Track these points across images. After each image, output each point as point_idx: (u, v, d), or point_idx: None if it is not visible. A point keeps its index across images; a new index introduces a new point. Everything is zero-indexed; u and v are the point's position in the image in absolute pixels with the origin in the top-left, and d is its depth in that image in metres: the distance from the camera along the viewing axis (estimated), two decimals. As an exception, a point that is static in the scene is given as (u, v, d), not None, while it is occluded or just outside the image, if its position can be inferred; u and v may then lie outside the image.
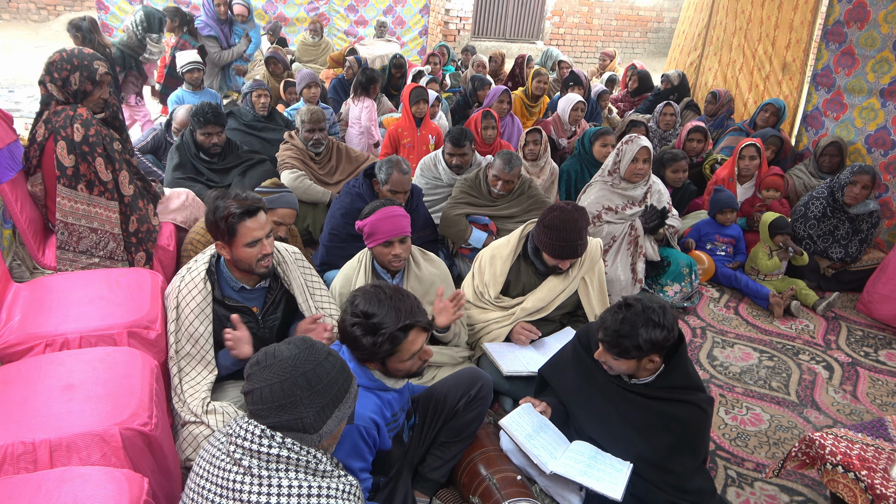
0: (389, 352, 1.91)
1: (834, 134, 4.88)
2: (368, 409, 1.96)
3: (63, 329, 2.19)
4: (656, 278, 4.02)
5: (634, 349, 2.06)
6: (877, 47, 4.52)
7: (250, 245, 2.30)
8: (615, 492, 2.05)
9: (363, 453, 1.95)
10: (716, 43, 6.80)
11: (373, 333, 1.88)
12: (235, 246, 2.31)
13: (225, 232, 2.29)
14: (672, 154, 4.47)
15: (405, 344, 1.92)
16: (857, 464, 2.03)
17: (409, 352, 1.95)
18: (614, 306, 2.13)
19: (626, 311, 2.06)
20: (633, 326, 2.04)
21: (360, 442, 1.93)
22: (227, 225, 2.26)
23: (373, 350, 1.90)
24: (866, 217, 4.20)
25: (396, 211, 2.68)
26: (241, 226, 2.27)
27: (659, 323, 2.03)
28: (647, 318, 2.03)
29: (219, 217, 2.27)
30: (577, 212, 2.82)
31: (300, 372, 1.48)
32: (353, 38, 10.40)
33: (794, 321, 3.97)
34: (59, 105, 2.73)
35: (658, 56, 13.84)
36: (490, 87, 6.08)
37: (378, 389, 2.02)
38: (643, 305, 2.06)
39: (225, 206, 2.27)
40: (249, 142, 4.77)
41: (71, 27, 5.20)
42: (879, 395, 3.31)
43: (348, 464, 1.91)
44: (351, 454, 1.92)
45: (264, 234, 2.33)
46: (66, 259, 2.76)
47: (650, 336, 2.03)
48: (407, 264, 2.84)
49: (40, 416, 1.78)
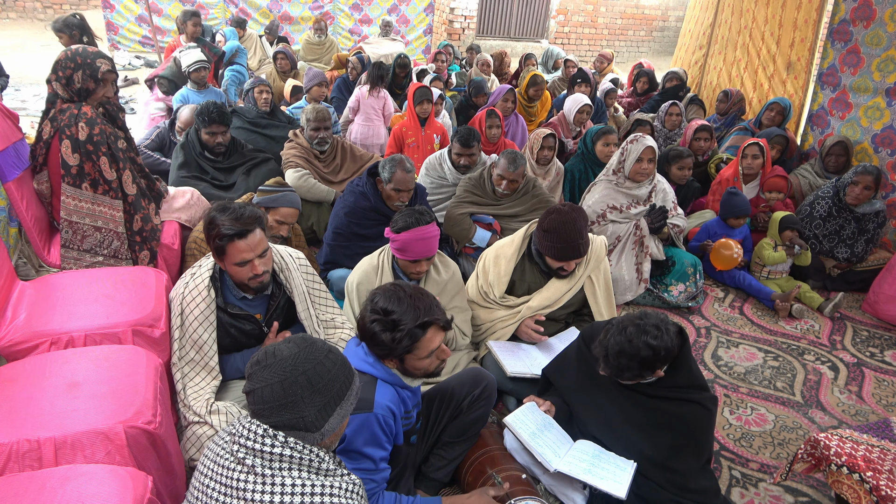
0: (407, 349, 1.92)
1: (840, 133, 4.85)
2: (386, 398, 1.96)
3: (68, 327, 2.19)
4: (661, 278, 4.01)
5: (637, 376, 2.12)
6: (882, 46, 4.50)
7: (239, 265, 2.28)
8: (619, 490, 2.05)
9: (382, 442, 1.95)
10: (721, 42, 6.78)
11: (391, 330, 1.90)
12: (226, 263, 2.30)
13: (214, 249, 2.29)
14: (677, 151, 4.46)
15: (423, 341, 1.93)
16: (862, 465, 2.02)
17: (426, 349, 1.95)
18: (612, 332, 2.11)
19: (624, 343, 2.06)
20: (632, 358, 2.05)
21: (378, 430, 1.93)
22: (216, 245, 2.26)
23: (391, 346, 1.91)
24: (872, 217, 4.18)
25: (430, 232, 2.66)
26: (231, 247, 2.24)
27: (657, 347, 2.04)
28: (646, 344, 2.03)
29: (211, 233, 2.26)
30: (574, 212, 2.81)
31: (300, 371, 1.48)
32: (357, 37, 10.42)
33: (799, 321, 3.95)
34: (65, 103, 2.74)
35: (663, 55, 13.81)
36: (485, 95, 6.09)
37: (395, 384, 2.03)
38: (640, 331, 2.05)
39: (218, 224, 2.24)
40: (254, 139, 4.78)
41: (63, 26, 4.81)
42: (885, 395, 3.29)
43: (368, 452, 1.92)
44: (370, 442, 1.92)
45: (256, 255, 2.28)
46: (71, 257, 2.77)
47: (651, 362, 2.06)
48: (427, 271, 2.85)
49: (45, 414, 1.79)
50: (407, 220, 2.63)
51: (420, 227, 2.62)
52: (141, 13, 9.55)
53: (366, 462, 1.93)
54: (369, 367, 2.00)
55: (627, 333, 2.06)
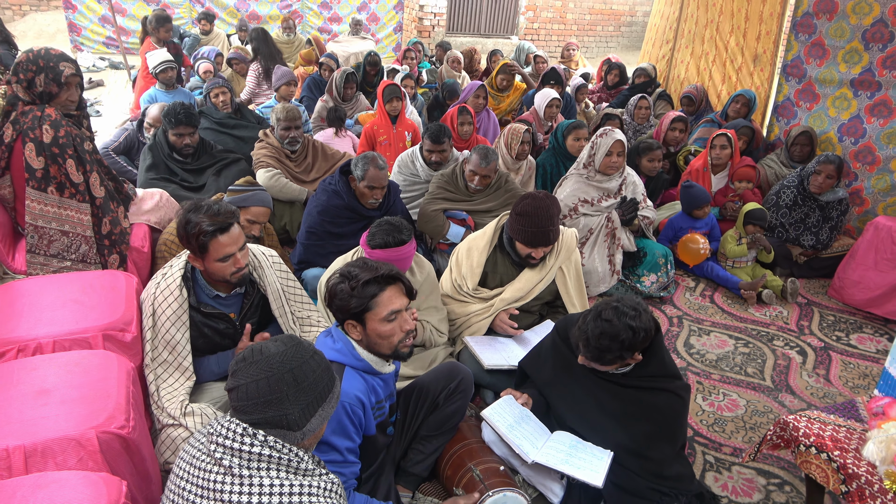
0: (365, 305, 1.94)
1: (807, 124, 4.96)
2: (354, 387, 1.97)
3: (35, 334, 2.14)
4: (633, 269, 4.06)
5: (617, 358, 2.13)
6: (846, 38, 4.60)
7: (222, 260, 2.28)
8: (596, 479, 2.08)
9: (349, 432, 1.95)
10: (687, 36, 6.86)
11: (350, 279, 1.94)
12: (207, 260, 2.29)
13: (196, 248, 2.27)
14: (647, 144, 4.52)
15: (382, 297, 1.95)
16: (829, 445, 2.08)
17: (386, 308, 1.96)
18: (590, 316, 2.14)
19: (604, 324, 2.08)
20: (613, 339, 2.07)
21: (345, 419, 1.93)
22: (199, 242, 2.24)
23: (349, 297, 1.93)
24: (836, 205, 4.29)
25: (405, 253, 2.67)
26: (214, 242, 2.24)
27: (636, 327, 2.07)
28: (626, 325, 2.06)
29: (190, 233, 2.25)
30: (548, 199, 2.84)
31: (287, 368, 1.48)
32: (327, 36, 10.34)
33: (768, 308, 4.04)
34: (27, 105, 2.67)
35: (631, 50, 13.94)
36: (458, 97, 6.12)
37: (364, 371, 2.03)
38: (619, 313, 2.08)
39: (196, 223, 2.23)
40: (222, 140, 4.72)
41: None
42: (851, 377, 3.38)
43: (333, 441, 1.92)
44: (337, 431, 1.92)
45: (237, 248, 2.30)
46: (37, 263, 2.71)
47: (631, 343, 2.08)
48: None
49: (14, 422, 1.75)
50: (384, 238, 2.63)
51: (395, 247, 2.63)
52: (104, 13, 9.36)
53: (332, 453, 1.93)
54: (337, 353, 2.00)
55: (606, 315, 2.09)
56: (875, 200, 4.49)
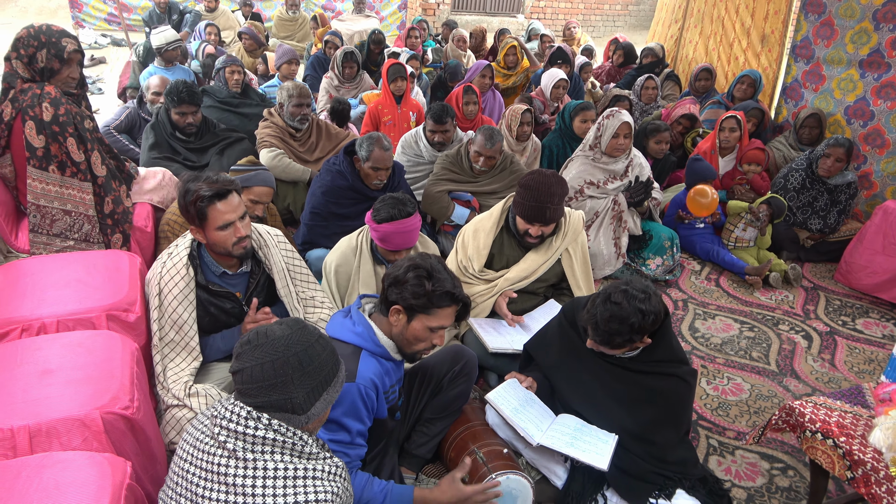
0: (429, 310, 1.94)
1: (813, 105, 4.89)
2: (370, 370, 1.96)
3: (39, 313, 2.14)
4: (638, 252, 4.04)
5: (627, 342, 2.10)
6: (856, 18, 4.52)
7: (222, 228, 2.26)
8: (601, 462, 2.08)
9: (361, 414, 1.94)
10: (696, 15, 6.76)
11: (428, 278, 1.94)
12: (208, 230, 2.27)
13: (195, 216, 2.25)
14: (655, 125, 4.47)
15: (444, 311, 1.97)
16: (835, 430, 2.07)
17: (439, 322, 1.98)
18: (600, 299, 2.11)
19: (614, 307, 2.05)
20: (623, 322, 2.04)
21: (358, 401, 1.92)
22: (197, 209, 2.23)
23: (422, 296, 1.92)
24: (844, 188, 4.25)
25: (411, 225, 2.65)
26: (212, 209, 2.23)
27: (646, 311, 2.04)
28: (636, 308, 2.03)
29: (188, 201, 2.23)
30: (555, 178, 2.81)
31: (293, 352, 1.47)
32: (331, 14, 10.20)
33: (773, 292, 4.02)
34: (25, 83, 2.64)
35: (639, 29, 13.77)
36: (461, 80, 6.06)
37: (381, 356, 2.02)
38: (628, 296, 2.06)
39: (195, 190, 2.22)
40: (226, 118, 4.68)
41: None
42: (857, 362, 3.37)
43: (345, 422, 1.91)
44: (349, 413, 1.92)
45: (237, 217, 2.29)
46: (40, 242, 2.70)
47: (640, 326, 2.05)
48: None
49: (18, 402, 1.75)
50: (389, 212, 2.61)
51: (401, 220, 2.60)
52: (106, -10, 9.27)
53: (342, 433, 1.92)
54: (357, 337, 1.99)
55: (616, 298, 2.06)
56: (884, 184, 4.45)
